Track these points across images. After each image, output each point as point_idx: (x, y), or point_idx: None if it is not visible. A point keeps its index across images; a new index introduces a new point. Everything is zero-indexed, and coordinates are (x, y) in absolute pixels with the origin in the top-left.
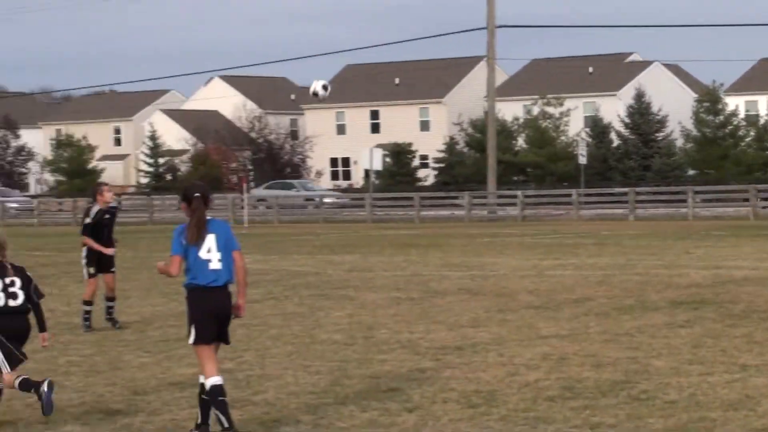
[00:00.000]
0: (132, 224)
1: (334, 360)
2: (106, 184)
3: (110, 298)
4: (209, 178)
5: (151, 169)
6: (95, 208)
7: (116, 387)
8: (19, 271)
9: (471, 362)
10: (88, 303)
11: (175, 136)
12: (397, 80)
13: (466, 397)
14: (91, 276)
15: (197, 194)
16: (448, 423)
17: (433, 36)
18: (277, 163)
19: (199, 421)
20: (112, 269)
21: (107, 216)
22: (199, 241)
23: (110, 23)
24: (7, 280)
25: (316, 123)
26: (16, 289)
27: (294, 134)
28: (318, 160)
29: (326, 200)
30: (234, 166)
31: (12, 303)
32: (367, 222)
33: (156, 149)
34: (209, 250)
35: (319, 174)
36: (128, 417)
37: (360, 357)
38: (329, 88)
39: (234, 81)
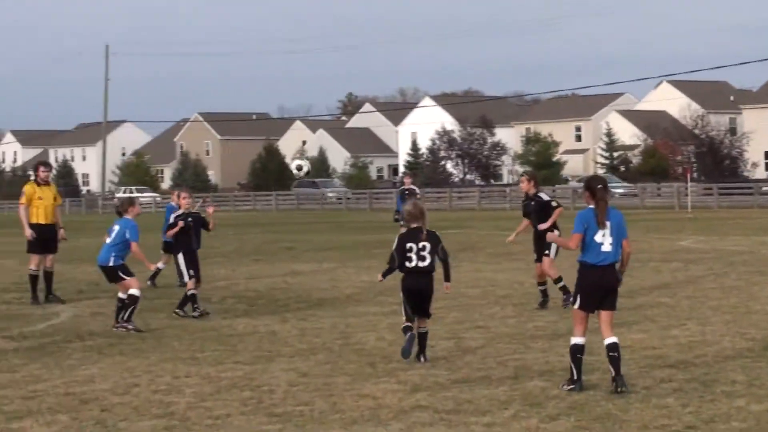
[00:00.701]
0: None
1: (767, 328)
2: (525, 173)
3: (540, 283)
4: (658, 169)
5: (606, 162)
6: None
7: None
8: (432, 237)
9: None
10: (539, 284)
11: (627, 133)
12: None
13: None
14: (535, 261)
15: (599, 186)
16: None
17: None
18: (717, 157)
19: (575, 377)
20: (545, 252)
21: (532, 203)
22: (603, 225)
23: (568, 35)
24: (420, 245)
25: (753, 121)
26: (426, 252)
27: (732, 131)
28: (754, 153)
29: None
30: (679, 159)
31: (421, 264)
32: None
33: (611, 144)
34: (604, 235)
35: (754, 165)
36: (584, 375)
37: None
38: (303, 168)
39: (680, 85)
